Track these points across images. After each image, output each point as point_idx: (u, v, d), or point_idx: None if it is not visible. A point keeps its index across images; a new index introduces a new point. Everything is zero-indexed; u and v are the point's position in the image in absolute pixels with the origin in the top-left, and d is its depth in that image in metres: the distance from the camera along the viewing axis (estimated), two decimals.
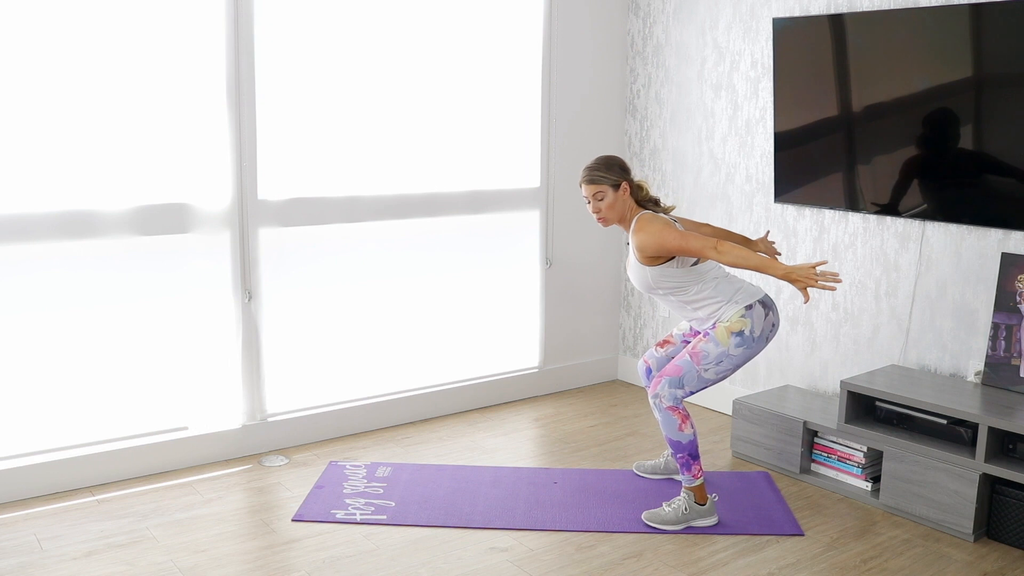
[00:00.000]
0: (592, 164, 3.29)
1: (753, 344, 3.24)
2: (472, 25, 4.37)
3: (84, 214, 3.47)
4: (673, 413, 3.25)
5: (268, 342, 3.98)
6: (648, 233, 3.18)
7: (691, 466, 3.28)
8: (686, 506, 3.31)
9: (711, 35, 4.52)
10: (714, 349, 3.23)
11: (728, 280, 3.30)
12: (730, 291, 3.27)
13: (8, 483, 3.43)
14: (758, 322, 3.24)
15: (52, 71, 3.35)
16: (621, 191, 3.27)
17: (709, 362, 3.24)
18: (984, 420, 3.22)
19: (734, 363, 3.26)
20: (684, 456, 3.27)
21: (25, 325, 3.43)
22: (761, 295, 3.30)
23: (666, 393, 3.25)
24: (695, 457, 3.28)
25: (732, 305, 3.25)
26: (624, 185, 3.26)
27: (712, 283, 3.27)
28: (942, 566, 3.09)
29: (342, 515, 3.37)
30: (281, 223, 3.94)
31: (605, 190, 3.26)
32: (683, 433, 3.26)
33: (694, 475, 3.29)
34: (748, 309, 3.24)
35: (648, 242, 3.18)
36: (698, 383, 3.26)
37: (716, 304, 3.26)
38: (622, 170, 3.28)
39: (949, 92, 3.54)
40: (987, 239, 3.59)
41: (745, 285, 3.32)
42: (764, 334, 3.26)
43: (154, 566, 2.99)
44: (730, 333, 3.22)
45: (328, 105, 4.00)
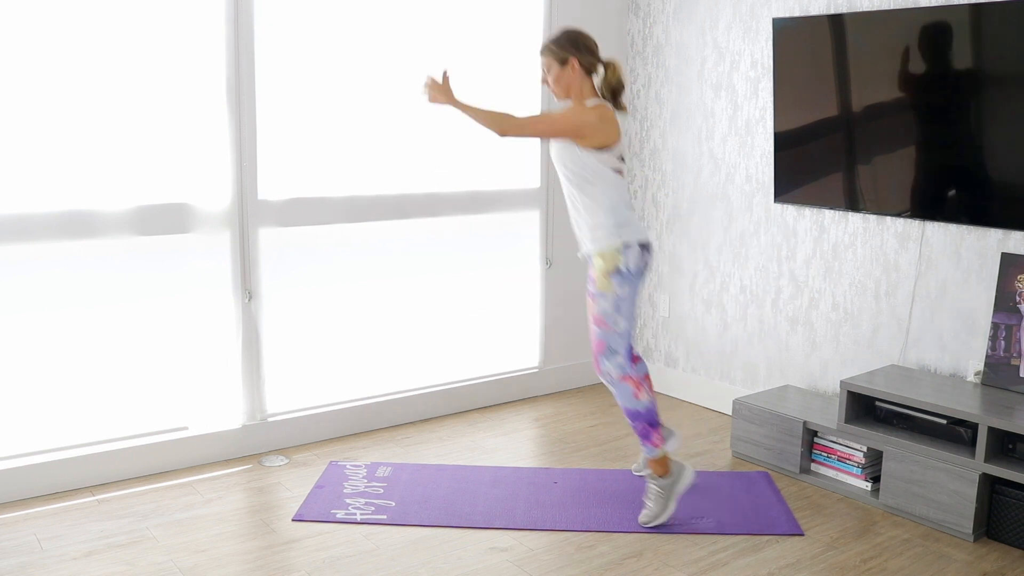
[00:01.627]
0: (552, 35, 3.23)
1: (632, 278, 3.21)
2: (472, 25, 4.38)
3: (84, 214, 3.47)
4: (627, 382, 3.24)
5: (268, 342, 3.98)
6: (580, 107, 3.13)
7: (650, 435, 3.25)
8: (658, 488, 3.30)
9: (711, 35, 4.52)
10: (606, 303, 3.21)
11: (627, 209, 3.24)
12: (620, 217, 3.20)
13: (8, 483, 3.43)
14: (633, 259, 3.20)
15: (52, 71, 3.35)
16: (568, 67, 3.19)
17: (612, 316, 3.22)
18: (984, 420, 3.22)
19: (629, 303, 3.23)
20: (642, 425, 3.25)
21: (25, 325, 3.43)
22: (643, 238, 3.24)
23: (606, 367, 3.25)
24: (653, 425, 3.25)
25: (612, 235, 3.19)
26: (572, 62, 3.19)
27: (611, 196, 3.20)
28: (942, 566, 3.10)
29: (342, 515, 3.37)
30: (281, 223, 3.94)
31: (551, 63, 3.21)
32: (639, 400, 3.24)
33: (654, 443, 3.26)
34: (625, 247, 3.19)
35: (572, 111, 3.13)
36: (621, 340, 3.24)
37: (600, 218, 3.20)
38: (574, 47, 3.20)
39: (949, 91, 3.54)
40: (987, 239, 3.59)
41: (634, 223, 3.25)
42: (640, 270, 3.23)
43: (154, 566, 2.99)
44: (608, 276, 3.19)
45: (328, 105, 4.00)
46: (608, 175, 3.21)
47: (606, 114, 3.18)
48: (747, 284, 4.49)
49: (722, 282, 4.60)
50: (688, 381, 4.82)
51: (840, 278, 4.09)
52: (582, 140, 3.15)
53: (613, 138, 3.19)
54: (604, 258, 3.20)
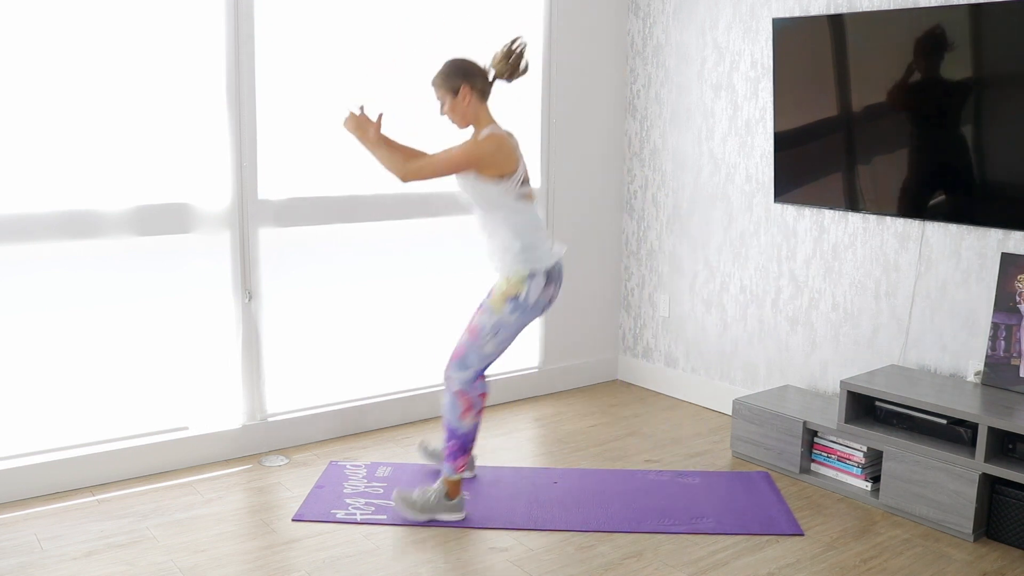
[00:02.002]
0: (439, 68, 3.23)
1: (527, 311, 3.22)
2: (472, 25, 4.38)
3: (84, 214, 3.47)
4: (460, 399, 3.24)
5: (268, 342, 3.98)
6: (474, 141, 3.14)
7: (457, 458, 3.27)
8: (435, 497, 3.30)
9: (711, 35, 4.53)
10: (489, 320, 3.21)
11: (534, 232, 3.23)
12: (527, 242, 3.20)
13: (8, 483, 3.43)
14: (535, 291, 3.20)
15: (52, 71, 3.35)
16: (460, 97, 3.20)
17: (487, 335, 3.22)
18: (984, 420, 3.22)
19: (511, 331, 3.23)
20: (455, 445, 3.26)
21: (25, 325, 3.43)
22: (550, 265, 3.24)
23: (455, 377, 3.25)
24: (464, 451, 3.27)
25: (520, 261, 3.19)
26: (463, 91, 3.19)
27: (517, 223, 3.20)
28: (942, 566, 3.10)
29: (342, 515, 3.37)
30: (281, 223, 3.94)
31: (443, 96, 3.23)
32: (462, 422, 3.25)
33: (456, 468, 3.28)
34: (531, 276, 3.20)
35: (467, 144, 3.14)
36: (480, 360, 3.24)
37: (508, 248, 3.20)
38: (464, 75, 3.19)
39: (949, 92, 3.54)
40: (987, 239, 3.59)
41: (542, 247, 3.25)
42: (539, 304, 3.24)
43: (154, 566, 2.99)
44: (505, 299, 3.19)
45: (328, 105, 4.00)
46: (510, 203, 3.22)
47: (503, 144, 3.17)
48: (747, 284, 4.49)
49: (722, 282, 4.61)
50: (688, 381, 4.82)
51: (840, 278, 4.09)
52: (480, 172, 3.18)
53: (511, 167, 3.18)
54: (508, 282, 3.22)
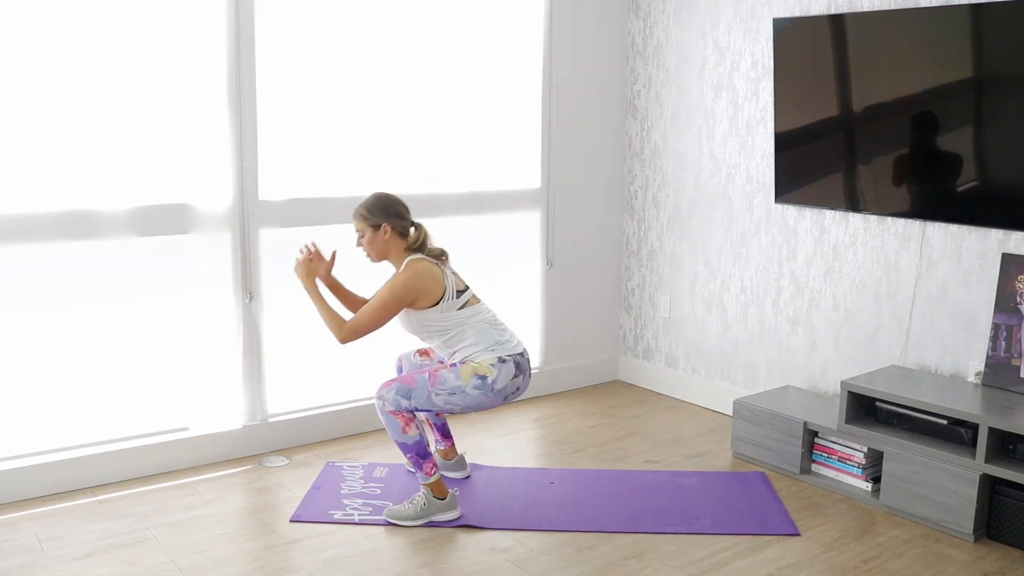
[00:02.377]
0: (362, 201, 3.34)
1: (491, 395, 3.26)
2: (473, 25, 4.38)
3: (85, 214, 3.48)
4: (396, 416, 3.26)
5: (269, 343, 3.98)
6: (403, 279, 3.24)
7: (422, 465, 3.29)
8: (425, 502, 3.32)
9: (711, 35, 4.53)
10: (452, 381, 3.24)
11: (492, 330, 3.33)
12: (491, 341, 3.30)
13: (9, 483, 3.44)
14: (504, 377, 3.26)
15: (53, 71, 3.35)
16: (381, 232, 3.30)
17: (443, 389, 3.24)
18: (984, 420, 3.21)
19: (465, 403, 3.26)
20: (413, 456, 3.28)
21: (26, 325, 3.44)
22: (519, 352, 3.33)
23: (391, 398, 3.26)
24: (424, 456, 3.29)
25: (488, 353, 3.28)
26: (384, 227, 3.29)
27: (474, 329, 3.31)
28: (942, 566, 3.09)
29: (340, 516, 3.37)
30: (282, 224, 3.94)
31: (364, 228, 3.32)
32: (408, 435, 3.26)
33: (427, 473, 3.30)
34: (501, 362, 3.26)
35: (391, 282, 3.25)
36: (425, 403, 3.26)
37: (474, 349, 3.30)
38: (386, 213, 3.30)
39: (950, 92, 3.54)
40: (987, 240, 3.59)
41: (508, 338, 3.35)
42: (505, 391, 3.29)
43: (155, 566, 2.99)
44: (474, 374, 3.24)
45: (329, 105, 4.00)
46: (458, 316, 3.29)
47: (423, 270, 3.25)
48: (747, 284, 4.49)
49: (722, 282, 4.60)
50: (688, 381, 4.82)
51: (841, 278, 4.09)
52: (414, 306, 3.26)
53: (439, 289, 3.26)
54: (479, 365, 3.26)
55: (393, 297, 3.22)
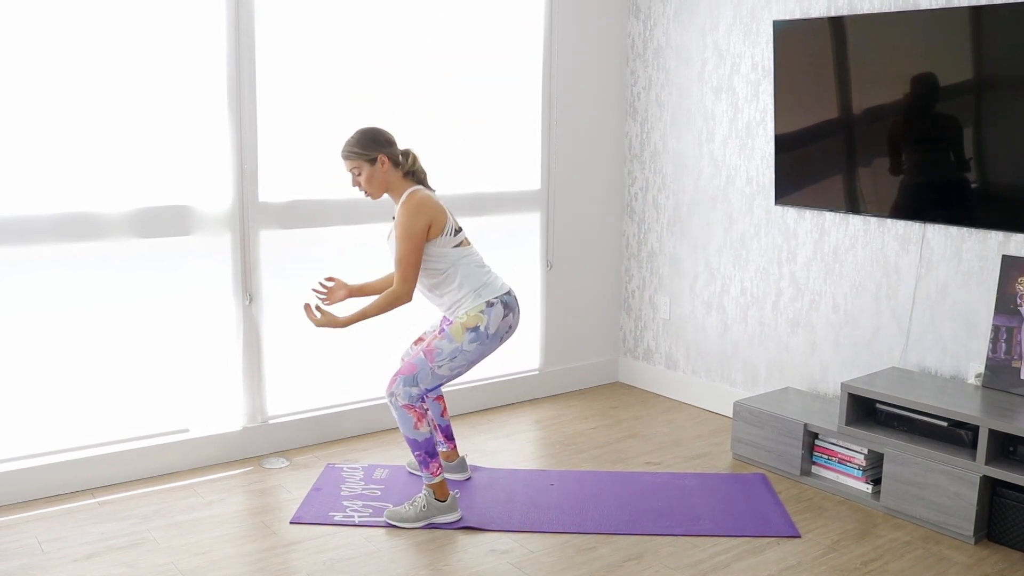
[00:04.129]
0: (349, 139, 3.26)
1: (487, 342, 3.26)
2: (473, 27, 4.38)
3: (85, 216, 3.48)
4: (409, 411, 3.25)
5: (269, 344, 3.98)
6: (411, 215, 3.18)
7: (429, 464, 3.29)
8: (425, 503, 3.32)
9: (711, 37, 4.53)
10: (448, 346, 3.23)
11: (479, 271, 3.31)
12: (477, 283, 3.28)
13: (9, 485, 3.44)
14: (495, 321, 3.25)
15: (53, 73, 3.35)
16: (378, 165, 3.24)
17: (443, 359, 3.24)
18: (985, 422, 3.22)
19: (468, 359, 3.26)
20: (421, 454, 3.28)
21: (26, 327, 3.44)
22: (505, 292, 3.31)
23: (401, 392, 3.25)
24: (432, 455, 3.29)
25: (475, 298, 3.26)
26: (381, 159, 3.23)
27: (462, 271, 3.28)
28: (942, 568, 3.09)
29: (340, 517, 3.37)
30: (282, 225, 3.94)
31: (361, 165, 3.25)
32: (418, 431, 3.26)
33: (433, 473, 3.30)
34: (489, 306, 3.25)
35: (400, 224, 3.19)
36: (432, 380, 3.26)
37: (460, 293, 3.27)
38: (378, 143, 3.24)
39: (950, 94, 3.54)
40: (987, 241, 3.59)
41: (493, 280, 3.32)
42: (499, 333, 3.28)
43: (155, 568, 2.99)
44: (465, 329, 3.22)
45: (329, 107, 4.00)
46: (452, 254, 3.27)
47: (425, 198, 3.22)
48: (747, 286, 4.49)
49: (723, 284, 4.61)
50: (688, 383, 4.82)
51: (841, 280, 4.09)
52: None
53: (441, 221, 3.24)
54: (468, 315, 3.25)
55: (412, 230, 3.17)
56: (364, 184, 3.27)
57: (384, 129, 3.31)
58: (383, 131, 3.29)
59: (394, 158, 3.27)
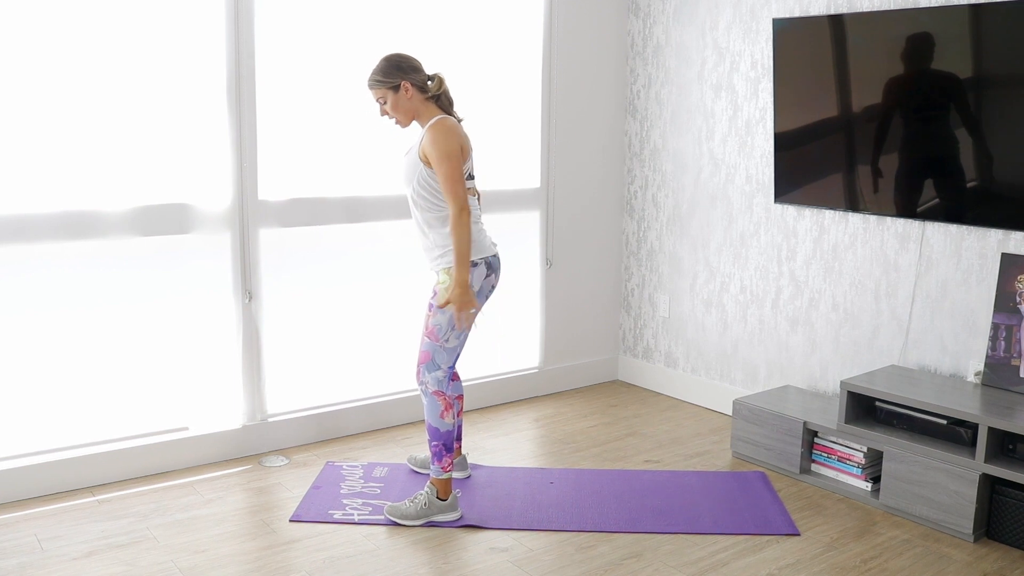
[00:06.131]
0: (374, 68, 3.23)
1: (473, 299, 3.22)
2: (472, 25, 4.38)
3: (85, 214, 3.48)
4: (439, 398, 3.27)
5: (268, 342, 3.98)
6: (442, 137, 3.12)
7: (443, 458, 3.29)
8: (427, 501, 3.32)
9: (711, 36, 4.53)
10: (443, 318, 3.23)
11: (473, 226, 3.25)
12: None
13: (8, 483, 3.44)
14: (477, 279, 3.23)
15: (53, 72, 3.35)
16: (403, 91, 3.20)
17: (445, 331, 3.24)
18: (984, 420, 3.22)
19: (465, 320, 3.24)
20: (439, 445, 3.28)
21: (25, 325, 3.43)
22: (491, 254, 3.28)
23: (429, 378, 3.27)
24: (448, 449, 3.29)
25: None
26: (404, 85, 3.19)
27: None
28: (942, 566, 3.10)
29: (339, 515, 3.37)
30: (281, 223, 3.94)
31: (386, 94, 3.22)
32: (443, 421, 3.27)
33: (443, 468, 3.30)
34: (473, 266, 3.22)
35: (435, 146, 3.12)
36: (448, 356, 3.27)
37: (448, 243, 3.20)
38: (401, 70, 3.19)
39: (949, 92, 3.54)
40: (987, 240, 3.59)
41: (483, 238, 3.28)
42: (483, 291, 3.27)
43: (154, 566, 2.99)
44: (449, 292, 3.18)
45: (328, 105, 4.00)
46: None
47: (454, 126, 3.17)
48: (747, 284, 4.49)
49: (722, 282, 4.61)
50: (688, 381, 4.82)
51: (840, 278, 4.09)
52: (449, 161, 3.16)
53: (466, 153, 3.20)
54: (450, 274, 3.21)
55: (448, 149, 3.10)
56: (391, 112, 3.24)
57: (408, 55, 3.25)
58: (407, 57, 3.24)
59: (419, 84, 3.22)
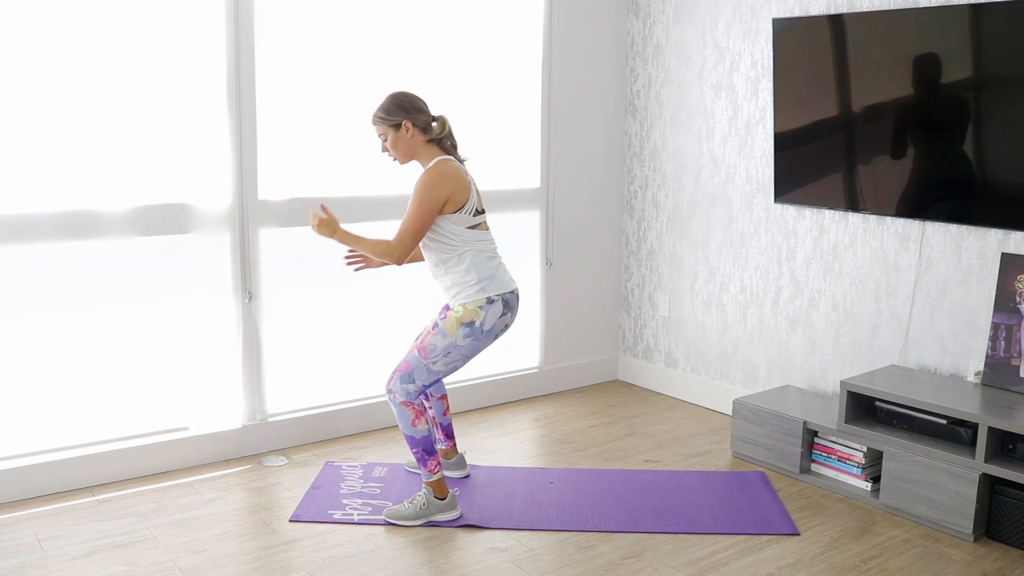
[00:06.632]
0: (379, 104, 3.24)
1: (481, 337, 3.23)
2: (472, 25, 4.38)
3: (85, 214, 3.48)
4: (407, 408, 3.25)
5: (268, 342, 3.98)
6: (430, 183, 3.13)
7: (427, 461, 3.28)
8: (424, 501, 3.31)
9: (711, 36, 4.53)
10: (441, 342, 3.22)
11: (490, 262, 3.26)
12: (485, 274, 3.23)
13: (8, 483, 3.44)
14: (491, 318, 3.23)
15: (53, 71, 3.35)
16: (403, 130, 3.21)
17: (437, 355, 3.23)
18: (984, 420, 3.22)
19: (462, 354, 3.24)
20: (419, 451, 3.27)
21: (25, 325, 3.43)
22: (509, 291, 3.27)
23: (398, 388, 3.25)
24: (430, 453, 3.28)
25: (477, 291, 3.22)
26: (405, 124, 3.20)
27: (472, 256, 3.23)
28: (942, 566, 3.10)
29: (339, 515, 3.37)
30: (281, 223, 3.94)
31: (387, 131, 3.23)
32: (416, 428, 3.25)
33: (431, 471, 3.29)
34: (489, 303, 3.22)
35: (419, 188, 3.14)
36: (428, 376, 3.25)
37: (466, 279, 3.23)
38: (404, 109, 3.20)
39: (949, 92, 3.54)
40: (987, 239, 3.59)
41: (501, 274, 3.28)
42: (494, 331, 3.26)
43: (154, 566, 2.99)
44: (460, 323, 3.20)
45: (328, 105, 4.00)
46: (466, 235, 3.23)
47: (453, 171, 3.17)
48: (747, 284, 4.49)
49: (722, 282, 4.61)
50: (688, 381, 4.82)
51: (840, 278, 4.09)
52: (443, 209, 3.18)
53: (464, 196, 3.19)
54: (465, 308, 3.22)
55: (427, 198, 3.12)
56: (391, 149, 3.25)
57: (414, 95, 3.25)
58: (412, 96, 3.24)
59: (420, 124, 3.22)
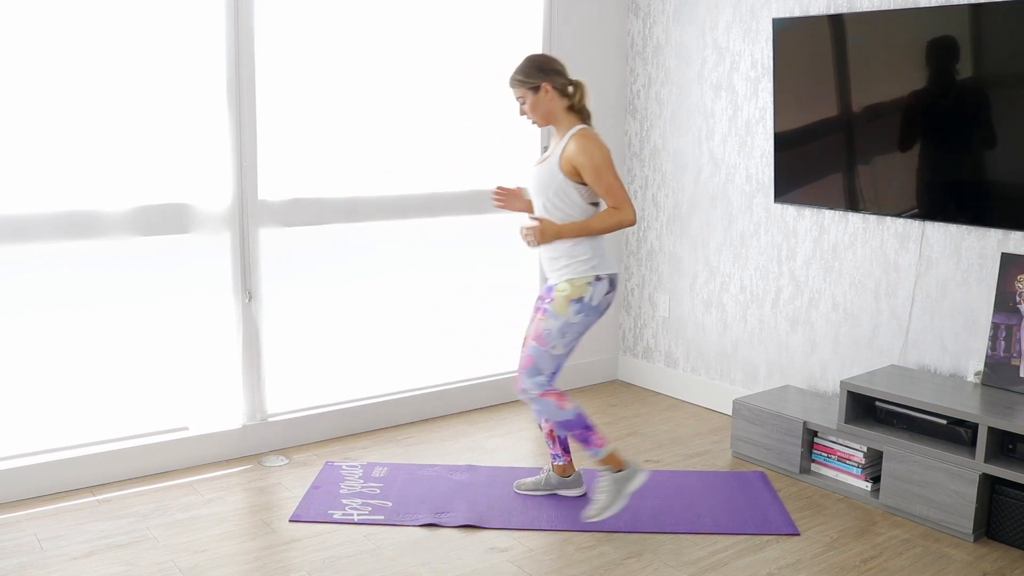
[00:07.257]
0: (516, 68, 3.24)
1: (591, 312, 3.22)
2: (472, 25, 4.38)
3: (85, 214, 3.48)
4: (547, 397, 3.22)
5: (268, 342, 3.98)
6: (594, 146, 3.13)
7: (590, 438, 3.22)
8: (611, 482, 3.26)
9: (711, 35, 4.53)
10: (555, 324, 3.20)
11: (600, 241, 3.27)
12: (595, 253, 3.23)
13: (8, 483, 3.44)
14: (598, 294, 3.22)
15: (53, 71, 3.35)
16: (542, 93, 3.20)
17: (554, 338, 3.21)
18: (984, 420, 3.22)
19: (577, 332, 3.23)
20: (579, 432, 3.22)
21: (25, 325, 3.44)
22: (614, 272, 3.28)
23: (530, 384, 3.24)
24: (590, 428, 3.23)
25: (587, 268, 3.21)
26: (544, 87, 3.19)
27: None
28: (942, 566, 3.10)
29: (339, 515, 3.37)
30: (281, 223, 3.94)
31: (525, 94, 3.22)
32: (565, 411, 3.22)
33: (599, 445, 3.22)
34: (597, 280, 3.21)
35: (588, 156, 3.12)
36: (552, 362, 3.24)
37: (574, 252, 3.21)
38: (543, 71, 3.20)
39: (950, 92, 3.54)
40: (987, 239, 3.59)
41: (608, 256, 3.29)
42: (600, 307, 3.25)
43: (154, 566, 2.99)
44: (569, 301, 3.19)
45: (328, 105, 4.00)
46: (588, 210, 3.23)
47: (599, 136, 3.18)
48: (747, 284, 4.49)
49: (722, 282, 4.61)
50: (688, 381, 4.82)
51: (840, 278, 4.09)
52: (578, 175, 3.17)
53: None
54: (572, 285, 3.21)
55: (604, 157, 3.12)
56: (529, 112, 3.24)
57: (554, 57, 3.25)
58: (551, 58, 3.23)
59: (560, 87, 3.22)
